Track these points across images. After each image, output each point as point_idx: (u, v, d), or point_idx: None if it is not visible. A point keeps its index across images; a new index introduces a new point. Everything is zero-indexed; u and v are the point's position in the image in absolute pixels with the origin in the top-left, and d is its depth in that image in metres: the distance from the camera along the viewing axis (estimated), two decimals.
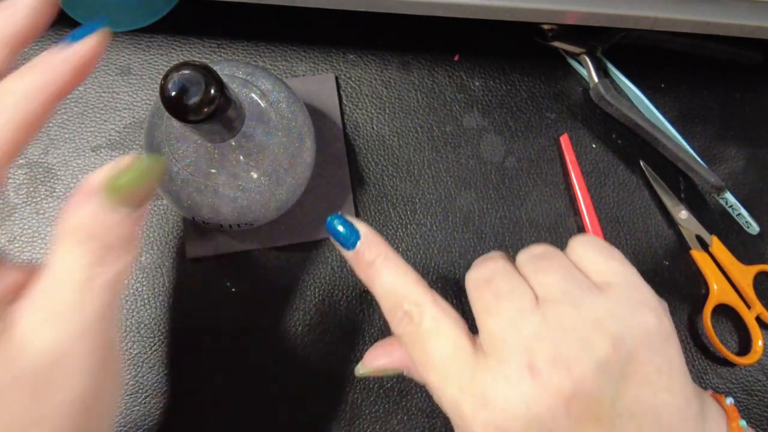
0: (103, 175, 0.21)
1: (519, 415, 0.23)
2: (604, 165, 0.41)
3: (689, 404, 0.25)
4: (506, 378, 0.24)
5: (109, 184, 0.21)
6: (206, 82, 0.24)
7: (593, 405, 0.23)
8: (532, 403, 0.23)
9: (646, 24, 0.35)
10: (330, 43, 0.40)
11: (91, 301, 0.21)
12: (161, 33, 0.39)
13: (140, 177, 0.22)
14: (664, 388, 0.24)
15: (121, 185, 0.21)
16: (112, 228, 0.21)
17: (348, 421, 0.37)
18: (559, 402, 0.23)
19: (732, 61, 0.42)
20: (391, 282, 0.26)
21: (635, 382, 0.24)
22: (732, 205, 0.40)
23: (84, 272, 0.21)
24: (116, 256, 0.21)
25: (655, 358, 0.24)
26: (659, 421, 0.24)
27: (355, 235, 0.27)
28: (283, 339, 0.37)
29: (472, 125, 0.40)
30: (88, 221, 0.21)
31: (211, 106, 0.24)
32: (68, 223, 0.21)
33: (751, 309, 0.39)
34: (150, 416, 0.36)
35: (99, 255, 0.21)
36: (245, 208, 0.32)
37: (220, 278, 0.37)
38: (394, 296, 0.26)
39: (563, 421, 0.23)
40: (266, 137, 0.31)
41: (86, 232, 0.21)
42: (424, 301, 0.26)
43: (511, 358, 0.24)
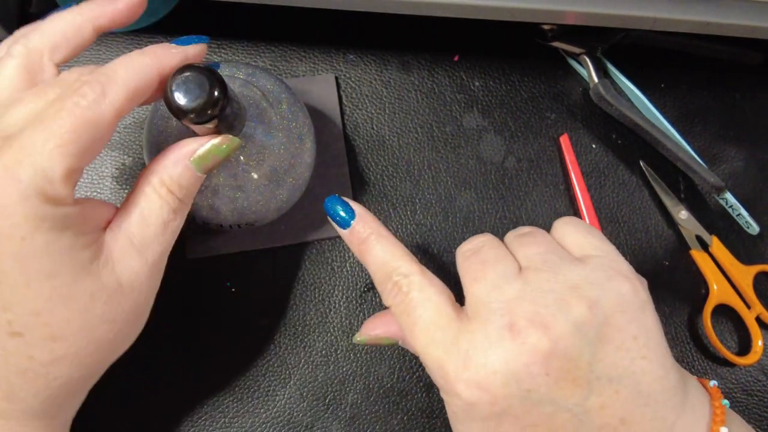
0: (199, 147, 0.27)
1: (498, 371, 0.24)
2: (604, 165, 0.41)
3: (668, 374, 0.26)
4: (487, 337, 0.25)
5: (201, 153, 0.27)
6: (210, 85, 0.25)
7: (570, 366, 0.25)
8: (511, 361, 0.24)
9: (646, 24, 0.35)
10: (330, 44, 0.40)
11: (165, 240, 0.27)
12: (161, 33, 0.39)
13: (222, 152, 0.27)
14: (642, 356, 0.26)
15: (208, 156, 0.27)
16: (190, 186, 0.27)
17: (348, 421, 0.37)
18: (536, 359, 0.24)
19: (732, 61, 0.42)
20: (381, 256, 0.28)
21: (613, 347, 0.25)
22: (732, 205, 0.40)
23: (166, 215, 0.26)
24: (183, 208, 0.27)
25: (631, 325, 0.26)
26: (637, 387, 0.25)
27: (351, 215, 0.29)
28: (283, 339, 0.37)
29: (472, 125, 0.40)
30: (178, 177, 0.26)
31: (215, 108, 0.25)
32: (156, 177, 0.26)
33: (751, 309, 0.39)
34: (150, 416, 0.36)
35: (177, 205, 0.27)
36: (245, 208, 0.32)
37: (220, 278, 0.37)
38: (384, 269, 0.28)
39: (541, 379, 0.24)
40: (266, 138, 0.31)
41: (175, 186, 0.26)
42: (412, 272, 0.28)
43: (493, 318, 0.25)
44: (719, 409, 0.27)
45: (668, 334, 0.39)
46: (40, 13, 0.39)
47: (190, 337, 0.37)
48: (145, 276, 0.26)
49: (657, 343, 0.26)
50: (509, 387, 0.25)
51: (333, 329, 0.37)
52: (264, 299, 0.37)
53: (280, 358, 0.37)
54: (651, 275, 0.40)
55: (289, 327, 0.37)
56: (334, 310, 0.38)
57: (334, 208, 0.30)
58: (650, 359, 0.26)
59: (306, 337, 0.37)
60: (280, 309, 0.37)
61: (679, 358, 0.39)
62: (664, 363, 0.26)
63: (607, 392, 0.25)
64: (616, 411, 0.25)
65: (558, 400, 0.25)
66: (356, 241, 0.29)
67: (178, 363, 0.36)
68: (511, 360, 0.24)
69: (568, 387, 0.25)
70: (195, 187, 0.28)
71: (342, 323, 0.38)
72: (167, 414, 0.36)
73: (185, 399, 0.36)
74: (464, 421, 0.26)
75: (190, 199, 0.28)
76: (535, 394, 0.25)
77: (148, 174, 0.27)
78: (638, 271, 0.27)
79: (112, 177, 0.38)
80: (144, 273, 0.26)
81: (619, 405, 0.25)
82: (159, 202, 0.26)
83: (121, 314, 0.26)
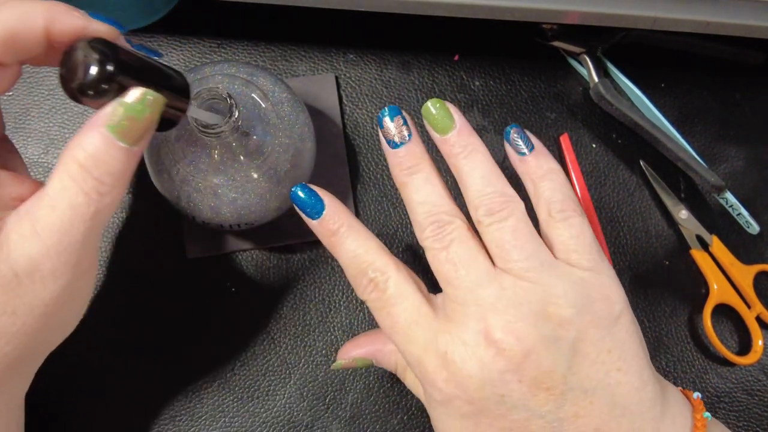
0: (110, 109, 0.23)
1: (474, 376, 0.25)
2: (604, 165, 0.41)
3: (645, 386, 0.26)
4: (464, 342, 0.25)
5: (114, 113, 0.23)
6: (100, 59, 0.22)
7: (543, 375, 0.25)
8: (486, 367, 0.25)
9: (646, 24, 0.35)
10: (330, 43, 0.40)
11: (75, 225, 0.23)
12: (161, 32, 0.39)
13: (140, 112, 0.23)
14: (617, 368, 0.26)
15: (124, 119, 0.23)
16: (109, 161, 0.23)
17: (348, 420, 0.37)
18: (510, 367, 0.25)
19: (732, 61, 0.42)
20: (354, 250, 0.28)
21: (588, 360, 0.26)
22: (732, 204, 0.40)
23: (75, 199, 0.23)
24: (107, 189, 0.23)
25: (605, 340, 0.26)
26: (612, 398, 0.26)
27: (320, 205, 0.28)
28: (283, 339, 0.37)
29: (472, 125, 0.40)
30: (89, 150, 0.23)
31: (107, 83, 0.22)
32: (69, 153, 0.23)
33: (751, 309, 0.39)
34: (150, 416, 0.36)
35: (92, 185, 0.23)
36: (245, 208, 0.32)
37: (220, 278, 0.37)
38: (358, 264, 0.28)
39: (514, 386, 0.25)
40: (267, 137, 0.31)
41: (83, 161, 0.22)
42: (388, 268, 0.27)
43: (469, 324, 0.26)
44: (700, 422, 0.27)
45: (668, 334, 0.39)
46: None
47: (190, 337, 0.37)
48: (49, 269, 0.23)
49: (633, 355, 0.27)
50: (484, 391, 0.25)
51: (333, 329, 0.37)
52: (264, 299, 0.37)
53: (280, 358, 0.37)
54: (651, 275, 0.40)
55: (289, 327, 0.37)
56: (334, 310, 0.38)
57: (301, 198, 0.28)
58: (625, 371, 0.26)
59: (306, 336, 0.37)
60: (280, 309, 0.37)
61: (679, 357, 0.39)
62: (641, 375, 0.26)
63: (582, 402, 0.25)
64: (591, 421, 0.25)
65: (532, 407, 0.25)
66: (326, 234, 0.28)
67: (178, 363, 0.36)
68: (486, 366, 0.25)
69: (542, 395, 0.25)
70: (121, 164, 0.23)
71: (342, 323, 0.38)
72: (167, 414, 0.36)
73: (185, 399, 0.36)
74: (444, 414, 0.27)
75: (117, 180, 0.23)
76: (509, 399, 0.25)
77: (67, 147, 0.23)
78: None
79: None
80: (47, 265, 0.23)
81: (594, 415, 0.25)
82: (68, 183, 0.23)
83: (21, 307, 0.23)
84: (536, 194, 0.28)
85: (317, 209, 0.28)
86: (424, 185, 0.28)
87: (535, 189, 0.28)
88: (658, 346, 0.39)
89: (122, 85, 0.23)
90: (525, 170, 0.29)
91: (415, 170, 0.28)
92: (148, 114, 0.23)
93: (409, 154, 0.28)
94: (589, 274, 0.27)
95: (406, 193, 0.28)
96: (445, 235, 0.27)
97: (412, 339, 0.27)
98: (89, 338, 0.36)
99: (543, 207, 0.28)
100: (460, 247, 0.27)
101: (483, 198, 0.27)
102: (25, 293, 0.23)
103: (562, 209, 0.27)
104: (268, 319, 0.37)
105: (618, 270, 0.39)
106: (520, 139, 0.29)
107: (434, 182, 0.28)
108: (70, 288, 0.24)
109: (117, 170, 0.23)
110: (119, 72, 0.22)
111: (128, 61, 0.23)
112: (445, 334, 0.26)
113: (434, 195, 0.27)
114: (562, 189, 0.28)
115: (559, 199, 0.27)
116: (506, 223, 0.26)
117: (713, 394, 0.39)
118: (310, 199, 0.28)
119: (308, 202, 0.28)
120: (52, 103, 0.38)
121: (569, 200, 0.28)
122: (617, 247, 0.40)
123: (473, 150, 0.28)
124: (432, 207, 0.27)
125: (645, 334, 0.39)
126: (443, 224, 0.27)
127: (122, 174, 0.23)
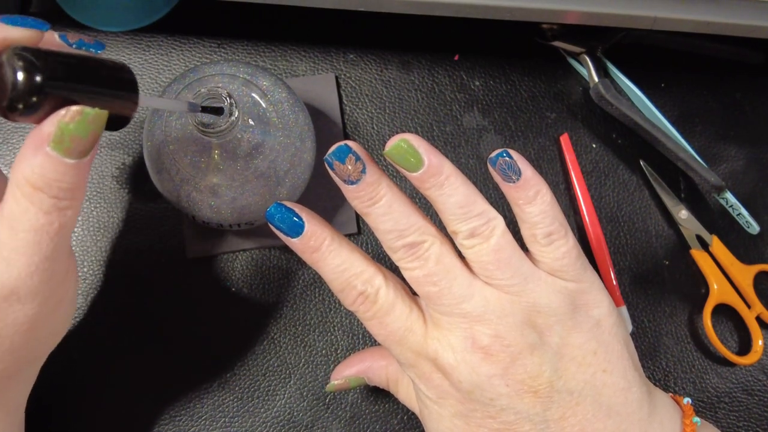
0: (51, 126, 0.22)
1: (463, 381, 0.26)
2: (604, 165, 0.41)
3: (631, 387, 0.27)
4: (452, 348, 0.26)
5: (56, 134, 0.22)
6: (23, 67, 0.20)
7: (530, 379, 0.26)
8: (474, 371, 0.26)
9: (646, 24, 0.35)
10: (330, 43, 0.40)
11: (40, 245, 0.23)
12: (161, 32, 0.39)
13: (84, 126, 0.22)
14: (603, 369, 0.27)
15: (64, 136, 0.22)
16: (61, 178, 0.22)
17: (348, 420, 0.37)
18: (497, 372, 0.26)
19: (732, 61, 0.42)
20: (340, 265, 0.27)
21: (575, 363, 0.26)
22: (732, 204, 0.40)
23: (34, 220, 0.22)
24: (67, 204, 0.23)
25: (590, 342, 0.27)
26: (598, 399, 0.26)
27: (299, 223, 0.27)
28: (283, 339, 0.37)
29: (472, 125, 0.40)
30: (38, 171, 0.22)
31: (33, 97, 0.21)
32: (20, 173, 0.22)
33: (751, 309, 0.39)
34: (149, 415, 0.36)
35: (48, 204, 0.22)
36: (245, 207, 0.32)
37: (220, 278, 0.37)
38: (345, 278, 0.27)
39: (502, 390, 0.26)
40: (266, 137, 0.31)
41: (36, 182, 0.22)
42: (375, 279, 0.27)
43: (457, 332, 0.26)
44: (689, 427, 0.27)
45: (668, 334, 0.39)
46: (40, 13, 0.39)
47: (190, 337, 0.37)
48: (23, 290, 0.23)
49: (618, 356, 0.27)
50: (474, 394, 0.26)
51: (333, 329, 0.37)
52: (264, 299, 0.37)
53: (280, 358, 0.37)
54: (651, 275, 0.40)
55: (289, 327, 0.37)
56: (334, 310, 0.38)
57: (277, 218, 0.27)
58: (611, 372, 0.27)
59: (306, 336, 0.37)
60: (280, 309, 0.37)
61: (679, 357, 0.39)
62: (625, 375, 0.27)
63: (568, 404, 0.26)
64: (577, 421, 0.26)
65: (520, 410, 0.26)
66: (308, 251, 0.27)
67: (178, 362, 0.36)
68: (475, 370, 0.26)
69: (529, 398, 0.26)
70: (74, 177, 0.23)
71: (342, 323, 0.38)
72: (167, 413, 0.36)
73: (185, 398, 0.36)
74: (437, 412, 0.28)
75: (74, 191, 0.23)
76: (497, 402, 0.26)
77: (14, 166, 0.22)
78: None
79: (112, 176, 0.38)
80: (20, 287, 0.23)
81: (579, 416, 0.26)
82: (25, 204, 0.22)
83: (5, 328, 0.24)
84: (522, 218, 0.28)
85: (296, 229, 0.27)
86: (387, 212, 0.27)
87: (521, 212, 0.28)
88: (658, 346, 0.39)
89: (57, 95, 0.21)
90: (511, 196, 0.28)
91: (375, 200, 0.27)
92: (90, 131, 0.22)
93: (367, 187, 0.27)
94: (572, 284, 0.27)
95: (370, 222, 0.27)
96: (419, 256, 0.27)
97: (406, 345, 0.27)
98: (89, 338, 0.36)
99: (528, 231, 0.28)
100: (436, 266, 0.26)
101: (461, 224, 0.26)
102: (6, 315, 0.23)
103: (548, 233, 0.27)
104: (268, 319, 0.37)
105: (618, 270, 0.39)
106: (509, 168, 0.27)
107: (397, 206, 0.27)
108: (52, 299, 0.25)
109: (71, 184, 0.23)
110: (49, 81, 0.21)
111: (60, 66, 0.21)
112: (434, 339, 0.27)
113: (400, 220, 0.27)
114: (548, 212, 0.27)
115: (547, 223, 0.27)
116: (487, 244, 0.26)
117: (713, 394, 0.39)
118: (288, 219, 0.27)
119: (286, 222, 0.27)
120: None
121: (555, 223, 0.27)
122: (617, 247, 0.40)
123: (445, 180, 0.26)
124: (400, 232, 0.27)
125: (645, 334, 0.39)
126: (414, 246, 0.27)
127: (77, 185, 0.23)
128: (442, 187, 0.26)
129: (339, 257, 0.27)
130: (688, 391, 0.39)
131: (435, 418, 0.28)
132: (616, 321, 0.28)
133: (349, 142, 0.27)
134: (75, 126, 0.22)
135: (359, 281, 0.27)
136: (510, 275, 0.26)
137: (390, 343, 0.28)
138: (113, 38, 0.39)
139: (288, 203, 0.28)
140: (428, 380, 0.27)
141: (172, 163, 0.30)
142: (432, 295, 0.27)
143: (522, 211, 0.27)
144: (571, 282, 0.27)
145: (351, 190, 0.27)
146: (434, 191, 0.27)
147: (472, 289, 0.26)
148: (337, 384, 0.32)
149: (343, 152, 0.26)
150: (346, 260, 0.27)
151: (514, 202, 0.28)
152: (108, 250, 0.37)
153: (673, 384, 0.39)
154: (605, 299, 0.28)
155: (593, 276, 0.28)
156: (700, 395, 0.39)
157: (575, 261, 0.27)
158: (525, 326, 0.26)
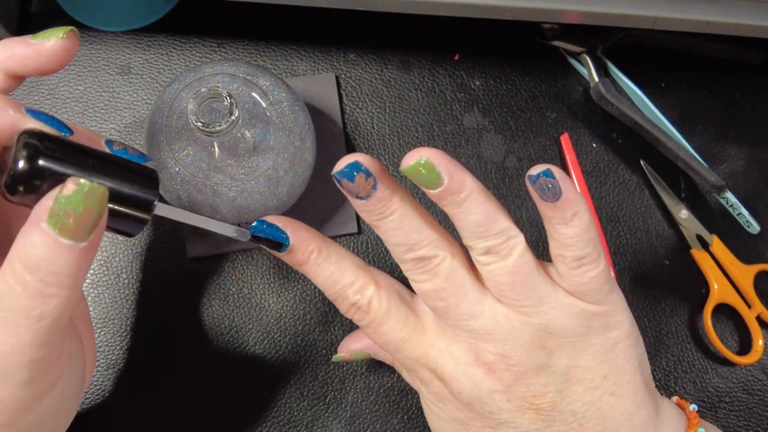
0: (49, 200, 0.20)
1: (464, 392, 0.26)
2: (605, 164, 0.41)
3: (638, 410, 0.27)
4: (455, 359, 0.26)
5: (53, 208, 0.20)
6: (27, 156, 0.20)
7: (533, 398, 0.26)
8: (476, 385, 0.26)
9: (646, 23, 0.35)
10: (330, 43, 0.40)
11: (25, 329, 0.20)
12: (161, 32, 0.39)
13: (79, 199, 0.20)
14: (611, 392, 0.26)
15: (61, 209, 0.20)
16: (53, 261, 0.20)
17: (348, 420, 0.37)
18: (499, 388, 0.26)
19: (732, 61, 0.42)
20: (330, 275, 0.27)
21: (582, 386, 0.26)
22: (732, 204, 0.40)
23: (16, 300, 0.20)
24: (54, 292, 0.20)
25: (602, 366, 0.26)
26: (604, 422, 0.26)
27: (284, 237, 0.26)
28: (283, 339, 0.37)
29: (473, 125, 0.40)
30: (29, 248, 0.20)
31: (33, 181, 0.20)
32: (15, 247, 0.20)
33: (751, 308, 0.39)
34: (149, 415, 0.36)
35: (35, 287, 0.20)
36: (245, 207, 0.32)
37: (220, 278, 0.37)
38: (336, 287, 0.27)
39: (503, 405, 0.26)
40: (267, 137, 0.31)
41: (25, 260, 0.20)
42: (367, 288, 0.27)
43: (461, 345, 0.26)
44: None
45: (668, 334, 0.39)
46: (40, 12, 0.39)
47: (190, 336, 0.37)
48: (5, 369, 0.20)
49: (628, 379, 0.27)
50: (474, 405, 0.26)
51: (333, 329, 0.37)
52: (264, 299, 0.37)
53: (280, 357, 0.37)
54: (651, 275, 0.40)
55: (289, 327, 0.37)
56: (334, 310, 0.38)
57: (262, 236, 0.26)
58: (619, 395, 0.26)
59: (306, 336, 0.37)
60: (280, 309, 0.37)
61: (679, 357, 0.39)
62: (635, 399, 0.27)
63: (571, 424, 0.26)
64: None
65: (520, 424, 0.26)
66: (296, 264, 0.27)
67: (177, 362, 0.36)
68: (476, 384, 0.26)
69: (530, 415, 0.26)
70: (67, 264, 0.20)
71: (342, 322, 0.38)
72: (167, 414, 0.36)
73: (185, 399, 0.36)
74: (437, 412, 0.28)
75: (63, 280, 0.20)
76: (497, 416, 0.26)
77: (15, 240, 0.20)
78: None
79: None
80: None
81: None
82: (12, 283, 0.20)
83: None
84: (553, 236, 0.26)
85: (282, 243, 0.27)
86: (398, 227, 0.25)
87: (553, 231, 0.26)
88: (658, 346, 0.39)
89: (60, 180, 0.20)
90: (545, 214, 0.26)
91: (387, 214, 0.25)
92: (87, 206, 0.20)
93: (377, 203, 0.25)
94: (592, 307, 0.26)
95: (381, 235, 0.27)
96: (428, 270, 0.26)
97: (404, 353, 0.27)
98: None
99: (557, 251, 0.26)
100: (445, 282, 0.26)
101: (477, 241, 0.25)
102: None
103: (578, 257, 0.25)
104: (268, 319, 0.37)
105: (618, 270, 0.39)
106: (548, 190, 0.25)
107: (408, 220, 0.25)
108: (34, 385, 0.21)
109: (63, 271, 0.20)
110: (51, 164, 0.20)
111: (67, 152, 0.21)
112: (435, 349, 0.27)
113: (411, 234, 0.25)
114: (583, 235, 0.25)
115: (579, 247, 0.25)
116: (503, 263, 0.25)
117: (713, 394, 0.39)
118: (272, 234, 0.26)
119: (270, 237, 0.26)
120: (52, 103, 0.38)
121: (588, 247, 0.25)
122: (617, 247, 0.40)
123: (465, 198, 0.25)
124: (410, 246, 0.26)
125: (645, 334, 0.39)
126: (424, 260, 0.26)
127: (70, 274, 0.20)
128: (461, 205, 0.25)
129: (328, 269, 0.27)
130: (688, 390, 0.39)
131: (435, 417, 0.28)
132: (634, 342, 0.27)
133: (359, 156, 0.25)
134: (67, 199, 0.20)
135: (350, 291, 0.27)
136: (524, 297, 0.25)
137: (388, 349, 0.28)
138: (113, 38, 0.39)
139: (272, 217, 0.27)
140: (428, 385, 0.27)
141: (173, 162, 0.30)
142: (440, 309, 0.26)
143: (555, 230, 0.26)
144: (591, 305, 0.26)
145: (360, 204, 0.26)
146: (453, 209, 0.25)
147: (482, 306, 0.26)
148: (343, 356, 0.32)
149: (353, 169, 0.25)
150: (336, 272, 0.27)
151: (547, 220, 0.26)
152: (108, 250, 0.37)
153: (674, 384, 0.39)
154: (626, 321, 0.27)
155: (618, 297, 0.27)
156: (701, 395, 0.39)
157: (602, 285, 0.26)
158: (533, 348, 0.25)
